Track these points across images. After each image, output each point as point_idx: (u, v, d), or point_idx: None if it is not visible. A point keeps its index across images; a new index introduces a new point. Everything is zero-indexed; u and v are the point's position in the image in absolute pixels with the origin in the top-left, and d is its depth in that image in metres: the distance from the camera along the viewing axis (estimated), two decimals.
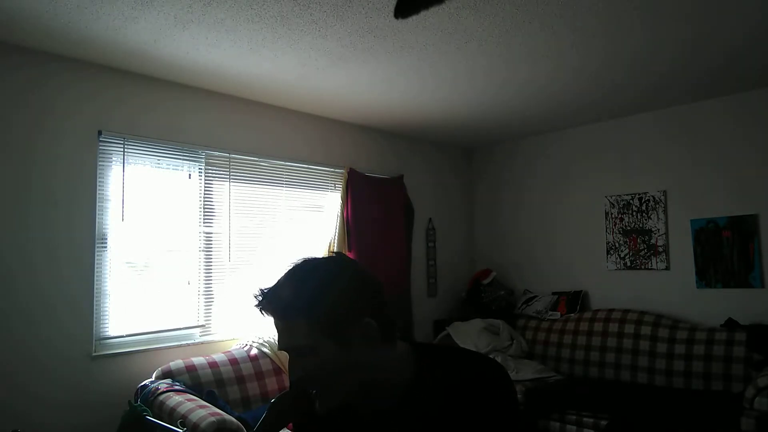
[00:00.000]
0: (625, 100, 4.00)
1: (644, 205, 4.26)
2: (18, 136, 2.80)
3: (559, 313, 4.47)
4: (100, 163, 3.07)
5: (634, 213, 4.31)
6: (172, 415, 2.55)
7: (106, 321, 3.07)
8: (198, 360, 3.16)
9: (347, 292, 0.96)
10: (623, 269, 4.36)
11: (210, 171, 3.56)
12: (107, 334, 3.07)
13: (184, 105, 3.44)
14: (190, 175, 3.47)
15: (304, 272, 0.98)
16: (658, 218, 4.17)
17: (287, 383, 3.31)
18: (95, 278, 3.01)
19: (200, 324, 3.48)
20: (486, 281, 4.89)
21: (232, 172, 3.67)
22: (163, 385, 2.85)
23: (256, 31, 2.68)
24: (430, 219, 5.05)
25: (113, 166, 3.14)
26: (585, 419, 3.31)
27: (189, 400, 2.67)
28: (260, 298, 0.97)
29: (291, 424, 1.23)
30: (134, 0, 2.36)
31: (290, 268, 0.99)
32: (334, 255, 1.06)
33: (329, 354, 0.94)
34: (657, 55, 3.13)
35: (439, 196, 5.16)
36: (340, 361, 0.95)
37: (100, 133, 3.07)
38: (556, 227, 4.81)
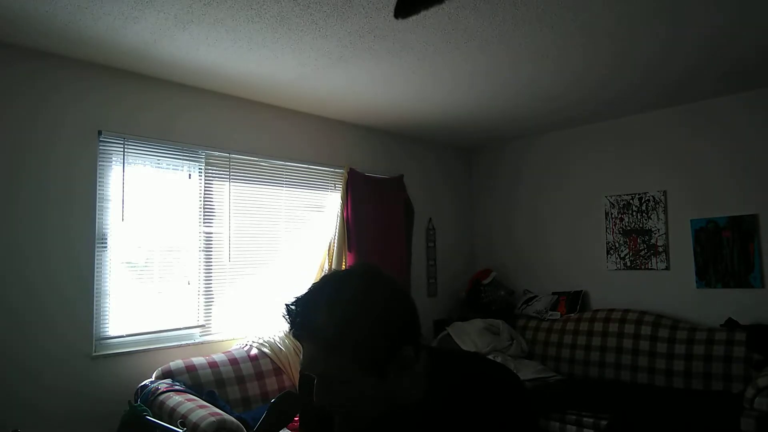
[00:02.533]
0: (626, 100, 3.99)
1: (644, 205, 4.26)
2: (18, 136, 2.80)
3: (559, 313, 4.47)
4: (100, 163, 3.07)
5: (634, 213, 4.31)
6: (172, 415, 2.55)
7: (106, 321, 3.06)
8: (198, 360, 3.16)
9: (384, 317, 0.90)
10: (623, 269, 4.36)
11: (210, 171, 3.56)
12: (107, 334, 3.07)
13: (184, 105, 3.44)
14: (190, 175, 3.47)
15: (340, 297, 0.90)
16: (658, 218, 4.17)
17: (287, 383, 3.32)
18: (95, 278, 3.01)
19: (200, 324, 3.48)
20: (486, 281, 4.89)
21: (232, 172, 3.67)
22: (163, 385, 2.85)
23: (256, 31, 2.68)
24: (430, 219, 5.05)
25: (113, 166, 3.14)
26: (585, 419, 3.31)
27: (189, 400, 2.67)
28: (292, 319, 0.90)
29: (292, 424, 1.22)
30: (134, 0, 2.36)
31: (324, 286, 0.92)
32: (368, 270, 0.96)
33: (365, 387, 0.89)
34: (662, 56, 3.13)
35: (439, 196, 5.16)
36: (375, 392, 0.90)
37: (100, 133, 3.07)
38: (556, 227, 4.81)
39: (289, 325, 0.91)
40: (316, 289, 0.92)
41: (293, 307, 0.91)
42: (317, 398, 0.92)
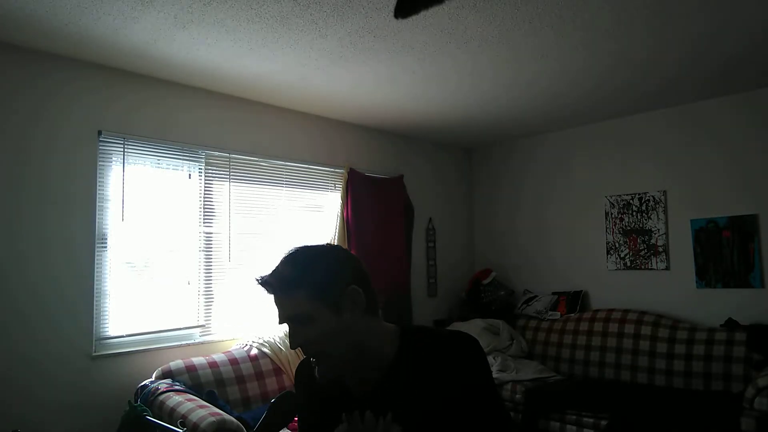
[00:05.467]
0: (626, 100, 4.00)
1: (644, 205, 4.26)
2: (18, 136, 2.80)
3: (559, 313, 4.47)
4: (100, 163, 3.07)
5: (634, 213, 4.31)
6: (172, 415, 2.55)
7: (106, 321, 3.06)
8: (198, 360, 3.16)
9: (334, 263, 1.11)
10: (623, 269, 4.36)
11: (210, 171, 3.56)
12: (107, 334, 3.07)
13: (184, 105, 3.44)
14: (190, 175, 3.47)
15: (297, 253, 1.12)
16: (658, 218, 4.17)
17: (287, 383, 3.32)
18: (95, 278, 3.01)
19: (200, 324, 3.48)
20: (486, 281, 4.89)
21: (232, 172, 3.67)
22: (163, 385, 2.84)
23: (256, 31, 2.68)
24: (430, 219, 5.05)
25: (113, 166, 3.14)
26: (585, 419, 3.31)
27: (189, 400, 2.67)
28: (262, 278, 1.10)
29: (292, 424, 1.24)
30: (134, 0, 2.36)
31: (285, 256, 1.13)
32: (320, 242, 1.21)
33: (324, 318, 1.06)
34: (660, 55, 3.13)
35: (439, 196, 5.16)
36: (334, 325, 1.06)
37: (100, 133, 3.07)
38: (556, 227, 4.81)
39: (261, 286, 1.09)
40: (280, 261, 1.12)
41: (260, 277, 1.10)
42: (291, 341, 1.08)
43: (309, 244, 1.16)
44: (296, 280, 1.06)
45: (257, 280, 1.09)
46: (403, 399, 1.06)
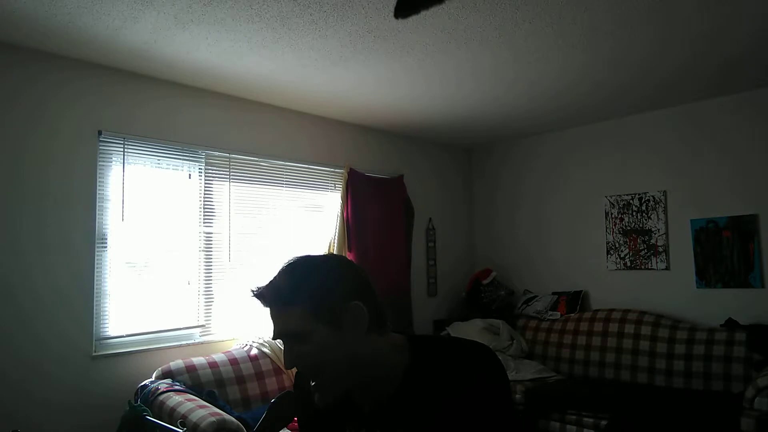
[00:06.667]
0: (626, 100, 3.99)
1: (644, 205, 4.26)
2: (18, 136, 2.80)
3: (559, 313, 4.46)
4: (100, 163, 3.07)
5: (634, 213, 4.31)
6: (172, 415, 2.55)
7: (106, 321, 3.06)
8: (198, 360, 3.16)
9: (336, 276, 1.02)
10: (623, 269, 4.36)
11: (210, 171, 3.56)
12: (107, 334, 3.07)
13: (184, 105, 3.44)
14: (190, 175, 3.47)
15: (295, 265, 1.04)
16: (658, 218, 4.17)
17: (287, 383, 3.32)
18: (95, 278, 3.01)
19: (200, 324, 3.48)
20: (486, 281, 4.88)
21: (232, 172, 3.67)
22: (163, 385, 2.85)
23: (256, 31, 2.68)
24: (430, 219, 5.05)
25: (113, 166, 3.14)
26: (585, 419, 3.31)
27: (189, 400, 2.67)
28: (257, 290, 1.02)
29: (292, 424, 1.23)
30: (134, 0, 2.36)
31: (283, 264, 1.05)
32: (320, 253, 1.08)
33: (322, 337, 0.97)
34: (660, 55, 3.13)
35: (439, 196, 5.17)
36: (334, 344, 0.97)
37: (100, 133, 3.07)
38: (556, 227, 4.81)
39: (256, 298, 1.02)
40: (277, 272, 1.05)
41: (256, 289, 1.03)
42: (287, 359, 1.00)
43: (310, 255, 1.07)
44: (292, 293, 0.98)
45: (252, 291, 1.02)
46: (415, 417, 0.98)
